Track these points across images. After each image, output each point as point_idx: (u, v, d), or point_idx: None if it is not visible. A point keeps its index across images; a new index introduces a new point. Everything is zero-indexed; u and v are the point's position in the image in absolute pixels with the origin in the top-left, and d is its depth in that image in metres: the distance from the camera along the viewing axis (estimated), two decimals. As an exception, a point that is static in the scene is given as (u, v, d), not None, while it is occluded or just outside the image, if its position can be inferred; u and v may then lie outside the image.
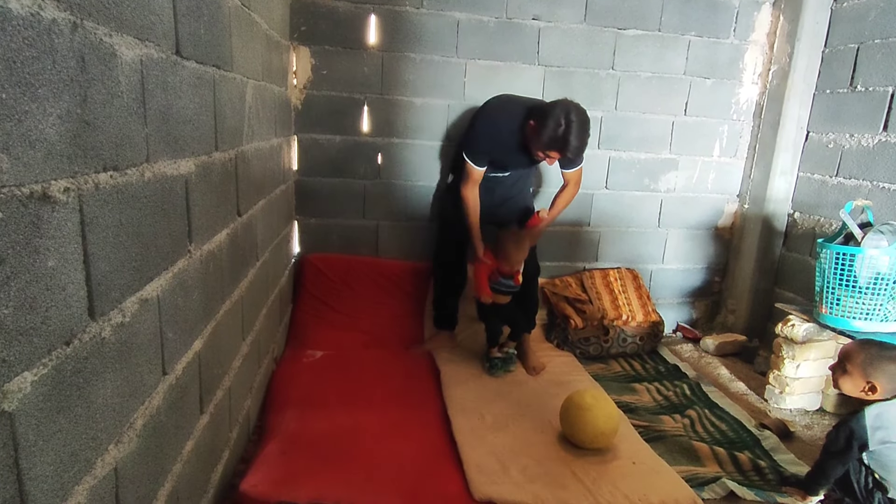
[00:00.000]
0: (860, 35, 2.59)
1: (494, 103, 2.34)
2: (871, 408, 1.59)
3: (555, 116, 2.01)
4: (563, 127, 2.01)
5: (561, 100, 2.08)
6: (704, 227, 3.22)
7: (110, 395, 0.87)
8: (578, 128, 2.02)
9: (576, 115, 2.02)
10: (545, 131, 2.03)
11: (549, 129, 2.02)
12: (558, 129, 2.01)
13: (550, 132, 2.02)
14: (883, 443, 1.58)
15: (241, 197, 1.64)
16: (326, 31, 2.63)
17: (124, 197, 0.90)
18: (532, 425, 2.03)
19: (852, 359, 1.65)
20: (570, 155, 2.07)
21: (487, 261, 2.29)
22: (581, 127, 2.03)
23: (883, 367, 1.59)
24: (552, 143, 2.04)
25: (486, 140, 2.24)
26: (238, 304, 1.63)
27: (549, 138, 2.03)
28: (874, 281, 2.11)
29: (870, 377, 1.59)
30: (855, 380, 1.62)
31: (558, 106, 2.04)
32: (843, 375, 1.66)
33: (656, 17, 2.88)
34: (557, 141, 2.03)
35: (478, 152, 2.26)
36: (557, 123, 2.01)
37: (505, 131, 2.22)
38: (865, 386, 1.60)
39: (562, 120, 2.01)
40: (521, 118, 2.19)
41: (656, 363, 2.82)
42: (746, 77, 3.05)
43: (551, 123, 2.01)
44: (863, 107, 2.56)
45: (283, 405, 2.02)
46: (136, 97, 0.93)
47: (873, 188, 2.50)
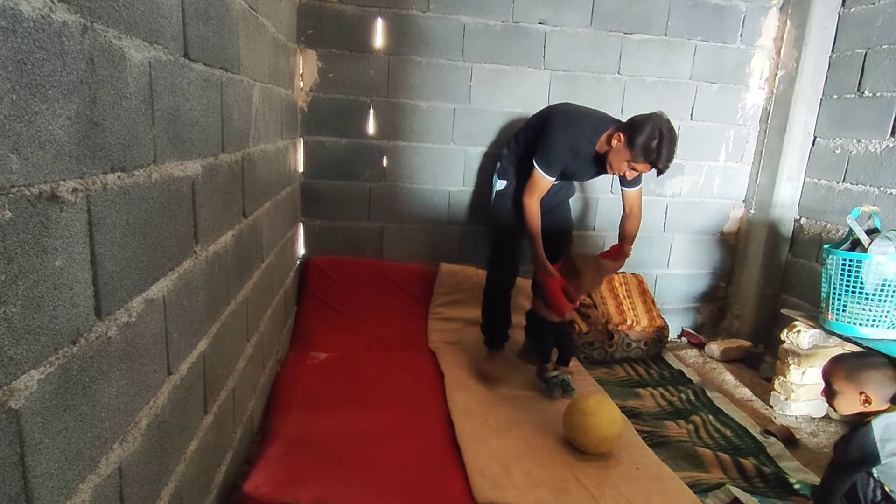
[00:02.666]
0: (868, 40, 2.58)
1: (569, 112, 2.25)
2: (879, 420, 1.56)
3: (650, 128, 1.98)
4: (657, 140, 1.97)
5: (654, 114, 2.05)
6: (710, 232, 3.21)
7: (115, 395, 0.87)
8: (671, 141, 2.00)
9: (667, 129, 2.00)
10: (639, 141, 1.98)
11: (643, 139, 1.98)
12: (652, 142, 1.98)
13: (645, 142, 1.98)
14: (893, 455, 1.55)
15: (247, 199, 1.65)
16: (333, 34, 2.65)
17: (131, 198, 0.91)
18: (535, 429, 2.02)
19: (835, 376, 1.62)
20: (661, 167, 2.02)
21: (556, 274, 2.16)
22: (672, 140, 2.01)
23: (866, 374, 1.58)
24: (645, 155, 2.00)
25: (567, 151, 2.15)
26: (243, 305, 1.63)
27: (644, 149, 1.99)
28: (881, 287, 2.09)
29: (859, 388, 1.57)
30: (847, 396, 1.59)
31: (653, 118, 2.01)
32: (836, 396, 1.63)
33: (662, 22, 2.88)
34: (650, 153, 1.99)
35: (555, 163, 2.16)
36: (651, 136, 1.98)
37: (585, 142, 2.15)
38: (860, 398, 1.58)
39: (656, 133, 1.98)
40: (599, 130, 2.14)
41: (661, 368, 2.81)
42: (753, 82, 3.04)
43: (645, 135, 1.98)
44: (870, 112, 2.55)
45: (287, 407, 2.03)
46: (145, 99, 0.94)
47: (881, 194, 2.48)
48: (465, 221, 2.97)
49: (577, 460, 1.85)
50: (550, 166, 2.16)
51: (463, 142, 2.87)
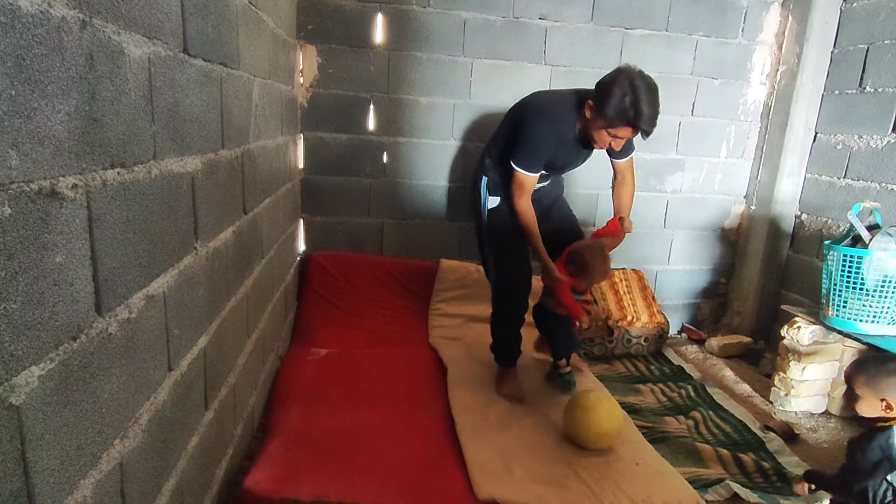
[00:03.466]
0: (870, 36, 2.57)
1: (539, 101, 2.00)
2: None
3: (619, 85, 1.73)
4: (631, 95, 1.72)
5: (620, 68, 1.79)
6: (710, 228, 3.21)
7: (116, 391, 0.87)
8: (647, 93, 1.73)
9: (640, 79, 1.74)
10: (610, 104, 1.74)
11: (614, 101, 1.73)
12: (625, 99, 1.72)
13: (617, 103, 1.73)
14: None
15: (247, 195, 1.65)
16: (333, 29, 2.64)
17: (131, 194, 0.91)
18: (535, 425, 2.02)
19: (856, 381, 1.61)
20: (643, 126, 1.74)
21: (564, 279, 2.00)
22: (649, 91, 1.74)
23: (887, 381, 1.56)
24: (620, 115, 1.74)
25: (545, 142, 1.92)
26: (243, 301, 1.63)
27: (617, 111, 1.73)
28: (882, 283, 2.09)
29: (880, 394, 1.56)
30: (869, 402, 1.57)
31: (620, 73, 1.75)
32: (858, 401, 1.62)
33: (664, 17, 2.87)
34: (625, 112, 1.73)
35: (535, 158, 1.93)
36: (623, 92, 1.72)
37: (565, 126, 1.92)
38: (881, 405, 1.56)
39: (627, 87, 1.72)
40: (574, 106, 1.90)
41: (661, 364, 2.81)
42: (754, 77, 3.03)
43: (616, 93, 1.73)
44: (872, 108, 2.54)
45: (288, 403, 2.03)
46: (144, 95, 0.94)
47: (882, 190, 2.48)
48: (465, 218, 2.97)
49: (577, 456, 1.85)
50: (530, 163, 1.94)
51: (463, 138, 2.86)
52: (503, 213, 2.10)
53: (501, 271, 2.17)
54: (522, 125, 1.94)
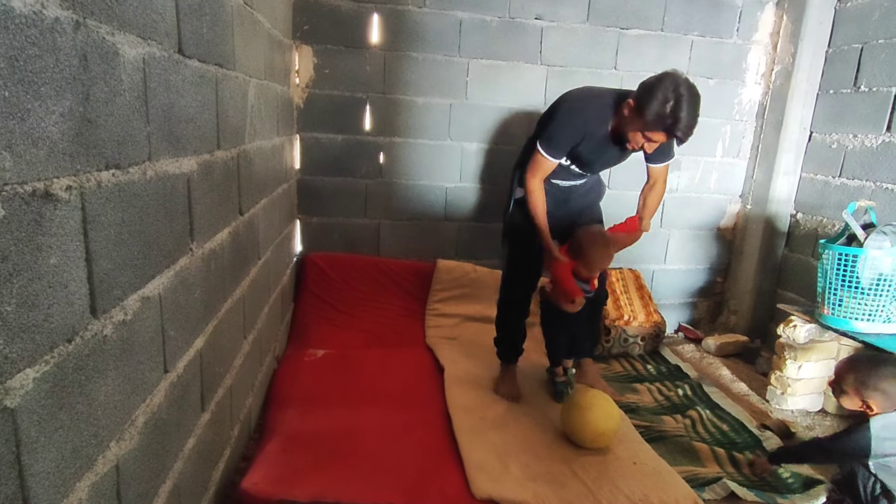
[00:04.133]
0: (864, 35, 2.58)
1: (577, 92, 2.02)
2: (877, 419, 1.60)
3: (662, 89, 1.71)
4: (673, 102, 1.69)
5: (667, 72, 1.76)
6: (707, 227, 3.22)
7: (112, 393, 0.87)
8: (690, 102, 1.70)
9: (686, 88, 1.71)
10: (650, 107, 1.71)
11: (655, 105, 1.71)
12: (666, 105, 1.69)
13: (657, 108, 1.70)
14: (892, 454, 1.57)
15: (243, 195, 1.64)
16: (329, 30, 2.64)
17: (126, 195, 0.90)
18: (533, 424, 2.03)
19: (845, 380, 1.67)
20: (679, 134, 1.73)
21: (565, 258, 1.99)
22: (692, 101, 1.71)
23: (876, 385, 1.62)
24: (658, 120, 1.72)
25: (571, 130, 1.92)
26: (240, 302, 1.63)
27: (656, 115, 1.71)
28: (876, 282, 2.10)
29: (865, 398, 1.62)
30: (852, 399, 1.66)
31: (666, 78, 1.73)
32: (842, 394, 1.69)
33: (659, 17, 2.87)
34: (665, 118, 1.71)
35: (558, 143, 1.94)
36: (665, 98, 1.69)
37: (596, 121, 1.91)
38: (861, 405, 1.63)
39: (670, 94, 1.69)
40: (612, 103, 1.90)
41: (658, 363, 2.82)
42: (749, 77, 3.04)
43: (658, 97, 1.70)
44: (866, 107, 2.55)
45: (285, 403, 2.03)
46: (139, 95, 0.94)
47: (877, 189, 2.49)
48: (461, 217, 2.97)
49: (574, 454, 1.86)
50: (553, 147, 1.94)
51: (460, 138, 2.86)
52: (526, 206, 2.11)
53: (511, 264, 2.22)
54: (555, 112, 1.98)
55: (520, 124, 2.89)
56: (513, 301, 2.25)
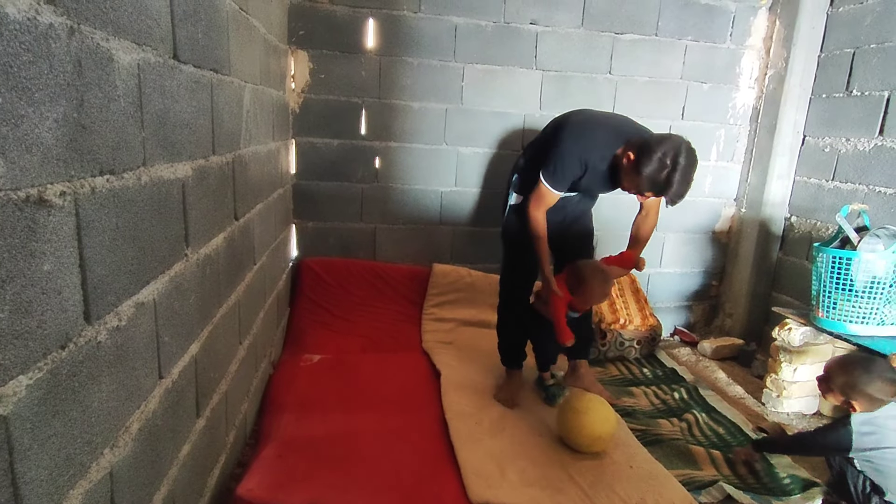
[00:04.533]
0: (856, 40, 2.60)
1: (581, 121, 1.99)
2: (858, 415, 1.66)
3: (662, 155, 1.72)
4: (669, 169, 1.71)
5: (671, 136, 1.78)
6: (702, 230, 3.23)
7: (106, 399, 0.87)
8: (685, 171, 1.73)
9: (685, 157, 1.72)
10: (647, 170, 1.73)
11: (651, 169, 1.72)
12: (663, 171, 1.72)
13: (653, 173, 1.72)
14: (875, 447, 1.61)
15: (239, 200, 1.64)
16: (325, 35, 2.64)
17: (121, 201, 0.90)
18: (529, 429, 2.02)
19: (834, 380, 1.72)
20: (668, 199, 1.77)
21: (561, 293, 1.99)
22: (688, 170, 1.74)
23: (863, 389, 1.67)
24: (652, 185, 1.75)
25: (575, 165, 1.91)
26: (235, 307, 1.63)
27: (650, 180, 1.74)
28: (870, 285, 2.11)
29: (849, 398, 1.70)
30: (836, 396, 1.73)
31: (667, 143, 1.74)
32: (828, 391, 1.76)
33: (653, 22, 2.89)
34: (658, 184, 1.74)
35: (562, 178, 1.93)
36: (663, 164, 1.71)
37: (597, 157, 1.90)
38: (844, 404, 1.69)
39: (668, 160, 1.71)
40: (615, 144, 1.89)
41: (654, 367, 2.82)
42: (743, 81, 3.06)
43: (656, 163, 1.72)
44: (859, 111, 2.57)
45: (281, 409, 2.02)
46: (133, 101, 0.93)
47: (869, 192, 2.51)
48: (457, 222, 2.97)
49: (571, 459, 1.86)
50: (556, 181, 1.94)
51: (455, 142, 2.87)
52: (521, 212, 2.11)
53: (508, 268, 2.25)
54: (559, 142, 1.94)
55: (515, 129, 2.90)
56: (512, 304, 2.26)
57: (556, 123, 2.06)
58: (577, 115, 2.03)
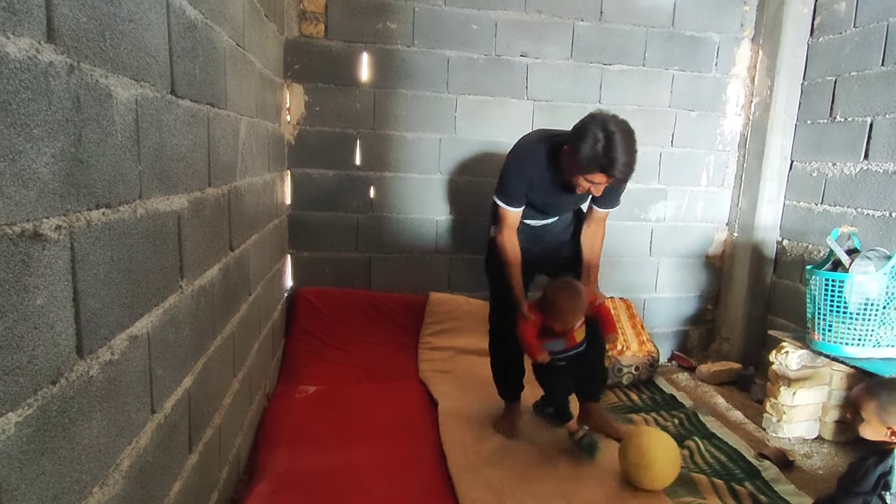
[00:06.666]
0: (837, 68, 2.67)
1: (524, 139, 2.05)
2: None
3: (592, 131, 1.69)
4: (604, 142, 1.67)
5: (594, 112, 1.76)
6: (695, 255, 3.25)
7: (96, 436, 0.85)
8: (622, 139, 1.68)
9: (615, 125, 1.69)
10: (582, 150, 1.69)
11: (586, 147, 1.68)
12: (597, 145, 1.67)
13: (589, 150, 1.68)
14: None
15: (234, 232, 1.64)
16: (320, 68, 2.69)
17: (116, 234, 0.90)
18: (529, 459, 1.99)
19: (865, 407, 1.62)
20: (617, 174, 1.71)
21: (531, 316, 1.96)
22: (625, 138, 1.69)
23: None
24: (593, 162, 1.69)
25: (516, 178, 1.94)
26: (229, 339, 1.61)
27: (588, 157, 1.69)
28: (864, 306, 2.12)
29: (888, 423, 1.57)
30: (875, 427, 1.58)
31: (593, 119, 1.72)
32: (863, 424, 1.63)
33: (640, 53, 2.97)
34: (598, 159, 1.68)
35: (509, 192, 1.96)
36: (595, 139, 1.67)
37: (531, 167, 1.93)
38: (887, 432, 1.58)
39: (600, 134, 1.67)
40: (547, 148, 1.91)
41: (653, 393, 2.80)
42: (730, 109, 3.13)
43: (588, 140, 1.68)
44: (843, 136, 2.63)
45: (275, 443, 1.98)
46: (131, 135, 0.95)
47: (858, 215, 2.54)
48: (452, 250, 2.98)
49: (572, 489, 1.82)
50: (507, 197, 1.96)
51: (449, 171, 2.90)
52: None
53: (495, 301, 2.22)
54: (505, 164, 2.02)
55: (508, 157, 2.94)
56: (502, 335, 2.19)
57: None
58: (524, 138, 2.08)
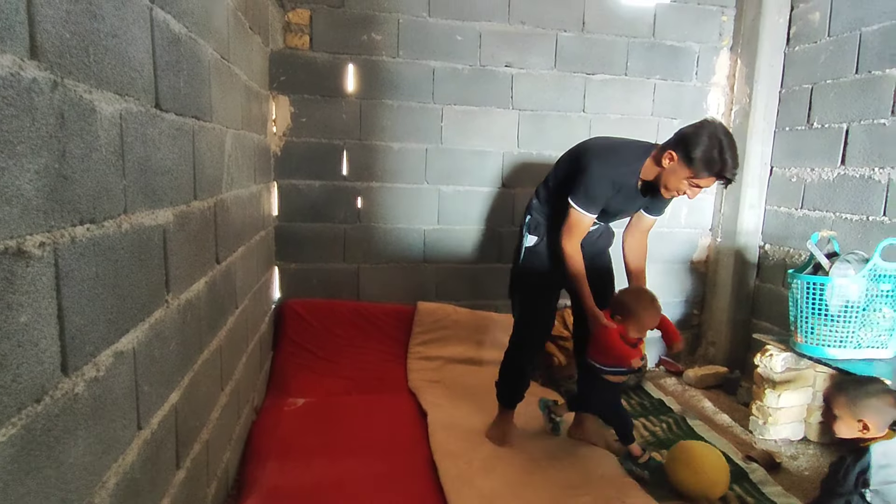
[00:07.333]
0: (813, 76, 2.74)
1: (602, 145, 2.04)
2: (877, 446, 1.58)
3: (708, 136, 1.78)
4: (719, 147, 1.77)
5: (705, 120, 1.86)
6: (680, 261, 3.29)
7: (82, 454, 0.84)
8: (732, 146, 1.79)
9: (724, 133, 1.80)
10: (699, 153, 1.77)
11: (703, 150, 1.77)
12: (713, 150, 1.76)
13: (706, 153, 1.77)
14: (889, 482, 1.57)
15: (220, 244, 1.64)
16: (305, 80, 2.70)
17: (101, 249, 0.90)
18: (521, 468, 1.99)
19: (836, 403, 1.66)
20: (729, 175, 1.80)
21: (612, 324, 1.94)
22: (733, 144, 1.80)
23: (865, 402, 1.61)
24: (709, 165, 1.78)
25: (608, 185, 1.92)
26: (217, 353, 1.60)
27: (706, 161, 1.78)
28: (844, 309, 2.15)
29: (857, 416, 1.61)
30: (847, 422, 1.63)
31: (706, 126, 1.81)
32: (836, 421, 1.67)
33: (622, 63, 3.01)
34: (714, 163, 1.77)
35: (595, 198, 1.92)
36: (713, 143, 1.77)
37: (628, 173, 1.94)
38: (858, 426, 1.61)
39: (715, 140, 1.77)
40: (640, 158, 1.95)
41: (641, 398, 2.82)
42: (710, 116, 3.17)
43: (706, 144, 1.77)
44: (821, 143, 2.69)
45: (264, 457, 1.96)
46: (115, 150, 0.94)
47: (837, 219, 2.59)
48: (440, 259, 2.99)
49: (564, 498, 1.82)
50: (590, 202, 1.93)
51: (436, 181, 2.91)
52: (538, 254, 2.10)
53: (526, 311, 2.17)
54: (586, 167, 1.94)
55: (494, 166, 2.96)
56: (525, 348, 2.19)
57: (573, 155, 2.06)
58: (595, 142, 2.07)
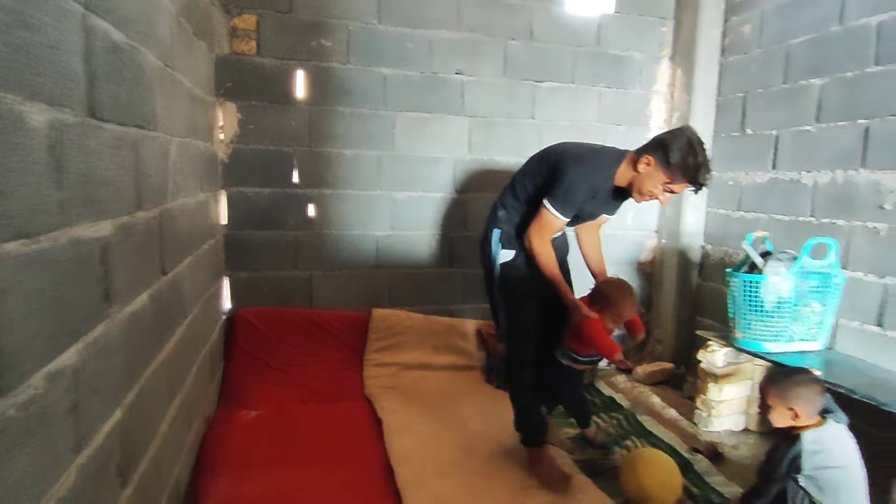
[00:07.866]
0: (746, 85, 2.90)
1: (577, 149, 2.06)
2: (808, 433, 1.67)
3: (684, 143, 1.84)
4: (695, 154, 1.83)
5: (682, 127, 1.95)
6: (628, 262, 3.41)
7: (18, 479, 0.81)
8: (705, 152, 1.86)
9: (697, 141, 1.86)
10: (676, 159, 1.83)
11: (680, 157, 1.83)
12: (689, 157, 1.82)
13: (682, 159, 1.83)
14: (821, 467, 1.66)
15: (167, 255, 1.60)
16: (253, 86, 2.66)
17: (37, 264, 0.87)
18: (476, 470, 2.02)
19: (768, 394, 1.75)
20: (702, 181, 1.86)
21: (594, 314, 1.99)
22: (705, 151, 1.86)
23: (795, 391, 1.70)
24: (685, 171, 1.84)
25: (585, 186, 1.94)
26: (164, 364, 1.56)
27: (682, 167, 1.83)
28: (778, 305, 2.29)
29: (788, 404, 1.70)
30: (779, 411, 1.71)
31: (681, 133, 1.88)
32: (770, 411, 1.75)
33: (569, 71, 3.11)
34: (690, 168, 1.83)
35: (571, 203, 1.95)
36: (690, 150, 1.83)
37: (603, 178, 1.98)
38: (789, 414, 1.69)
39: (693, 146, 1.83)
40: (615, 163, 1.99)
41: (593, 396, 2.90)
42: (653, 123, 3.32)
43: (683, 149, 1.83)
44: (754, 148, 2.85)
45: (217, 469, 1.92)
46: (50, 162, 0.91)
47: (769, 220, 2.75)
48: (393, 265, 2.99)
49: (522, 498, 1.86)
50: (567, 206, 1.95)
51: (389, 187, 2.92)
52: (517, 267, 2.07)
53: (515, 326, 2.09)
54: (565, 171, 1.95)
55: (447, 172, 2.99)
56: (524, 369, 2.09)
57: (547, 160, 2.06)
58: (570, 147, 2.09)
